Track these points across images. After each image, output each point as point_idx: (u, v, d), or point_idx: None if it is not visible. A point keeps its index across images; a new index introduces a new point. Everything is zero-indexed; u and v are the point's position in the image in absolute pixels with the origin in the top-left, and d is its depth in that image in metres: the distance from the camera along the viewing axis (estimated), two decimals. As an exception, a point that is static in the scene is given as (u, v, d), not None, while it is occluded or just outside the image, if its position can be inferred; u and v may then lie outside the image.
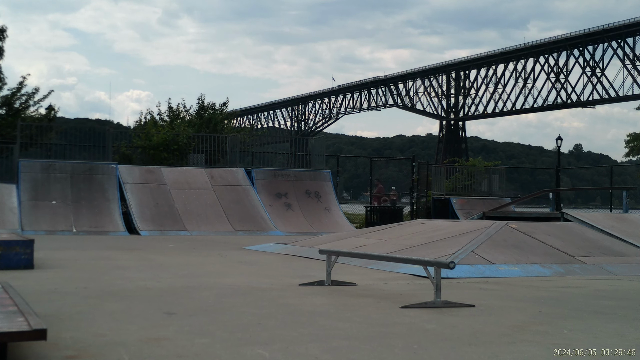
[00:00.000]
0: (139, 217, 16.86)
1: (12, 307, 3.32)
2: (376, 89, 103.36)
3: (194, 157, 21.11)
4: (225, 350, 3.31)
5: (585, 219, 10.17)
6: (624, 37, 75.84)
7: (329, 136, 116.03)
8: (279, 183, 19.68)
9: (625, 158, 44.11)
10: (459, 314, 4.60)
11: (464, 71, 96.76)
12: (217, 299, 5.20)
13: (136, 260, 9.02)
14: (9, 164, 18.40)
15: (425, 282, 6.07)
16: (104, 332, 3.73)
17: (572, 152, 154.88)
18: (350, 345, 3.42)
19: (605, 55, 79.06)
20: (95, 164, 18.20)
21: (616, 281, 7.09)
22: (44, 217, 16.24)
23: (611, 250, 8.77)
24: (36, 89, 26.77)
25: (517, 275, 7.27)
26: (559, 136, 36.54)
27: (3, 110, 26.08)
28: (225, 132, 27.52)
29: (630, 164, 47.82)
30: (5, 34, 26.30)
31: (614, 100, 79.37)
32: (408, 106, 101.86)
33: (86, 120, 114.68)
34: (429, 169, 25.84)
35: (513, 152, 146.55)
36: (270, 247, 11.27)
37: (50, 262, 8.19)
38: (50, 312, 4.31)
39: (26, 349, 3.20)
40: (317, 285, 6.04)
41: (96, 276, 6.79)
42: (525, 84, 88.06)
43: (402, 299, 5.27)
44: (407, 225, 11.65)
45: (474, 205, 22.75)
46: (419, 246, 8.55)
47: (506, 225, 9.24)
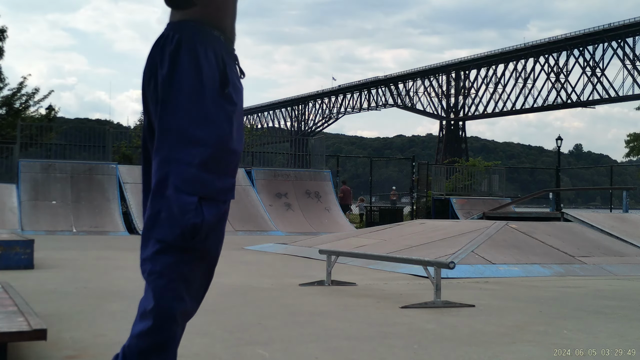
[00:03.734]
0: (139, 217, 16.86)
1: (12, 307, 3.32)
2: (376, 89, 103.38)
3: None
4: (225, 350, 3.31)
5: (585, 219, 10.17)
6: (624, 37, 75.86)
7: (329, 136, 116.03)
8: (279, 183, 19.68)
9: (625, 158, 44.14)
10: (459, 314, 4.60)
11: (464, 71, 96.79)
12: (217, 298, 5.20)
13: (136, 260, 8.95)
14: (9, 164, 18.42)
15: (425, 282, 6.07)
16: (104, 332, 3.73)
17: (572, 152, 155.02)
18: (350, 345, 3.42)
19: (605, 55, 79.15)
20: (95, 164, 18.21)
21: (616, 281, 7.09)
22: (44, 217, 16.25)
23: (611, 250, 8.77)
24: (36, 89, 26.83)
25: (517, 275, 7.27)
26: (559, 136, 36.55)
27: (3, 110, 26.10)
28: (225, 132, 27.51)
29: (630, 164, 47.86)
30: (6, 34, 26.32)
31: (614, 100, 79.40)
32: (408, 106, 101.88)
33: (86, 120, 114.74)
34: (429, 169, 25.85)
35: (513, 152, 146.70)
36: (270, 247, 11.27)
37: (50, 262, 8.19)
38: (50, 312, 4.31)
39: (26, 349, 3.20)
40: (317, 285, 6.04)
41: (96, 276, 6.79)
42: (525, 84, 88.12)
43: (402, 299, 5.27)
44: (407, 225, 11.65)
45: (474, 205, 22.76)
46: (419, 246, 8.55)
47: (506, 225, 9.24)
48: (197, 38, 1.93)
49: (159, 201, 1.91)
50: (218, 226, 1.95)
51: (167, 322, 1.94)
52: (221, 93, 1.92)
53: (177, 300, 1.94)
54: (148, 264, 1.97)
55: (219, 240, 1.98)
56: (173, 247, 1.90)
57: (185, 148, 1.89)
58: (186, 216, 1.87)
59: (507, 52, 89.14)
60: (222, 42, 1.98)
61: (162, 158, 1.91)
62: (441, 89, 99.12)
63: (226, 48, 1.99)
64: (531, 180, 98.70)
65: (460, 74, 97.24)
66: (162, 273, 1.92)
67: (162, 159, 1.91)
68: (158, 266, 1.93)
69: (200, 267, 1.97)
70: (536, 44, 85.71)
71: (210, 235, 1.93)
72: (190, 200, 1.87)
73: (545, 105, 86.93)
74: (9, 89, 26.38)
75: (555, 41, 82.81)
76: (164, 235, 1.90)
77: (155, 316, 1.92)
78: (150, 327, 1.92)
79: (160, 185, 1.91)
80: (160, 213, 1.91)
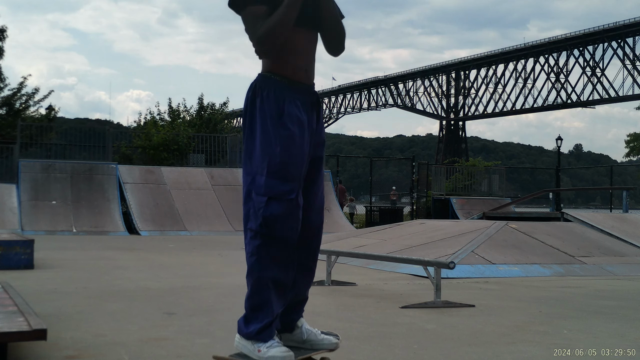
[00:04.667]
0: (139, 217, 16.86)
1: (12, 307, 3.32)
2: (376, 89, 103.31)
3: (194, 157, 21.12)
4: (225, 350, 3.31)
5: (585, 219, 10.16)
6: (624, 37, 75.80)
7: (329, 136, 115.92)
8: (279, 183, 19.66)
9: (625, 158, 44.17)
10: (459, 314, 4.60)
11: (463, 71, 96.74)
12: (217, 299, 5.20)
13: (136, 260, 9.02)
14: (9, 164, 18.41)
15: (425, 282, 6.07)
16: (104, 332, 3.73)
17: (572, 152, 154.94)
18: (350, 345, 3.41)
19: (605, 55, 79.10)
20: (95, 164, 18.20)
21: (616, 281, 7.09)
22: (44, 217, 16.24)
23: (611, 250, 8.77)
24: (36, 89, 26.80)
25: (517, 275, 7.27)
26: (559, 136, 36.54)
27: (3, 110, 26.08)
28: (225, 132, 27.53)
29: (630, 164, 47.85)
30: (6, 34, 26.31)
31: (614, 100, 79.34)
32: (408, 106, 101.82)
33: (86, 120, 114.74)
34: (429, 169, 25.85)
35: (513, 152, 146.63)
36: (270, 247, 11.25)
37: (50, 262, 8.19)
38: (50, 312, 4.31)
39: (26, 349, 3.20)
40: (317, 285, 6.04)
41: (96, 276, 6.79)
42: (525, 84, 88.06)
43: (402, 299, 5.27)
44: (407, 225, 11.65)
45: (474, 205, 22.76)
46: (419, 246, 8.55)
47: (506, 225, 9.24)
48: (263, 84, 2.73)
49: (247, 203, 2.73)
50: (288, 216, 2.65)
51: (260, 289, 2.68)
52: (279, 122, 2.66)
53: (265, 271, 2.67)
54: (246, 247, 2.74)
55: (291, 225, 2.67)
56: (258, 233, 2.66)
57: (259, 163, 2.68)
58: (260, 211, 2.65)
59: (507, 52, 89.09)
60: (283, 84, 2.71)
61: (247, 172, 2.74)
62: (441, 89, 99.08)
63: (288, 88, 2.72)
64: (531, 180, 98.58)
65: (460, 74, 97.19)
66: (253, 252, 2.69)
67: (247, 173, 2.74)
68: (250, 248, 2.70)
69: (280, 246, 2.67)
70: (536, 44, 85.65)
71: (282, 223, 2.64)
72: (262, 200, 2.65)
73: (545, 105, 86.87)
74: (9, 89, 26.38)
75: (555, 41, 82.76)
76: (251, 226, 2.69)
77: (251, 285, 2.72)
78: (248, 294, 2.73)
79: (248, 190, 2.73)
80: (249, 210, 2.71)
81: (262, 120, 2.68)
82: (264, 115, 2.68)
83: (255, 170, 2.69)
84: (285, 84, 2.71)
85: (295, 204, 2.67)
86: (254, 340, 2.68)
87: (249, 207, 2.71)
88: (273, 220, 2.62)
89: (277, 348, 2.65)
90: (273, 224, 2.63)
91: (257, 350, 2.66)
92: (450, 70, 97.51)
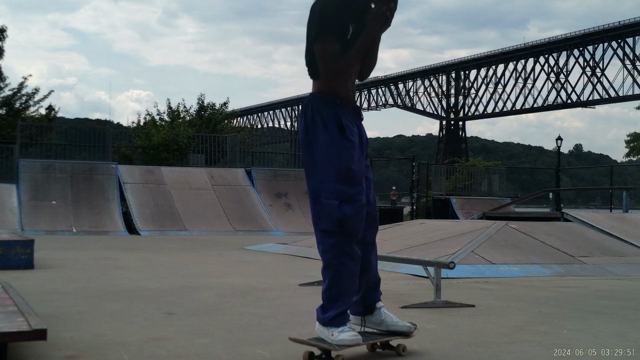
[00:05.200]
0: (139, 217, 16.86)
1: (12, 307, 3.32)
2: (376, 89, 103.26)
3: (194, 157, 21.12)
4: (225, 350, 3.31)
5: (585, 219, 10.16)
6: (624, 37, 75.79)
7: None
8: (279, 183, 19.68)
9: (625, 158, 44.16)
10: (459, 314, 4.60)
11: (463, 71, 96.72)
12: (217, 299, 5.20)
13: (136, 260, 9.02)
14: (9, 164, 18.41)
15: (425, 282, 6.07)
16: (104, 332, 3.73)
17: (572, 152, 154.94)
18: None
19: (605, 55, 79.09)
20: (95, 164, 18.21)
21: (616, 281, 7.08)
22: (44, 217, 16.24)
23: (611, 250, 8.77)
24: (36, 89, 26.83)
25: (517, 275, 7.26)
26: (559, 136, 36.55)
27: (3, 110, 26.10)
28: (225, 132, 27.53)
29: (630, 164, 47.84)
30: (5, 34, 26.33)
31: (614, 100, 79.32)
32: (408, 106, 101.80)
33: (86, 120, 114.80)
34: (429, 169, 25.84)
35: (513, 152, 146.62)
36: (270, 247, 11.27)
37: (50, 262, 8.19)
38: (50, 312, 4.31)
39: (26, 349, 3.20)
40: (317, 285, 6.03)
41: (96, 276, 6.79)
42: (525, 84, 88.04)
43: (402, 299, 5.27)
44: (407, 225, 11.65)
45: (474, 205, 22.74)
46: (419, 246, 8.55)
47: (506, 225, 9.24)
48: (320, 105, 3.10)
49: (316, 206, 3.09)
50: (357, 216, 3.04)
51: (337, 281, 3.06)
52: (342, 136, 3.06)
53: (340, 266, 3.04)
54: (319, 245, 3.10)
55: (360, 223, 3.06)
56: (333, 233, 3.03)
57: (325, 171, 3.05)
58: (334, 213, 3.01)
59: (507, 52, 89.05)
60: (337, 104, 3.10)
61: (313, 179, 3.10)
62: (441, 89, 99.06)
63: (340, 107, 3.10)
64: (531, 180, 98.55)
65: (460, 74, 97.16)
66: (327, 249, 3.06)
67: (313, 180, 3.10)
68: (324, 246, 3.07)
69: (351, 241, 3.05)
70: (536, 44, 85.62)
71: (353, 222, 3.02)
72: (334, 204, 3.02)
73: (545, 105, 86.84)
74: (9, 89, 26.39)
75: (555, 41, 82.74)
76: (324, 227, 3.05)
77: (328, 279, 3.08)
78: (326, 286, 3.10)
79: (315, 196, 3.08)
80: (320, 213, 3.06)
81: (326, 135, 3.05)
82: (327, 131, 3.05)
83: (323, 177, 3.05)
84: (340, 104, 3.11)
85: (362, 204, 3.07)
86: (329, 325, 3.03)
87: (318, 210, 3.07)
88: (346, 220, 3.00)
89: (347, 332, 3.00)
90: (346, 224, 3.01)
91: (330, 335, 3.01)
92: (450, 70, 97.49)
